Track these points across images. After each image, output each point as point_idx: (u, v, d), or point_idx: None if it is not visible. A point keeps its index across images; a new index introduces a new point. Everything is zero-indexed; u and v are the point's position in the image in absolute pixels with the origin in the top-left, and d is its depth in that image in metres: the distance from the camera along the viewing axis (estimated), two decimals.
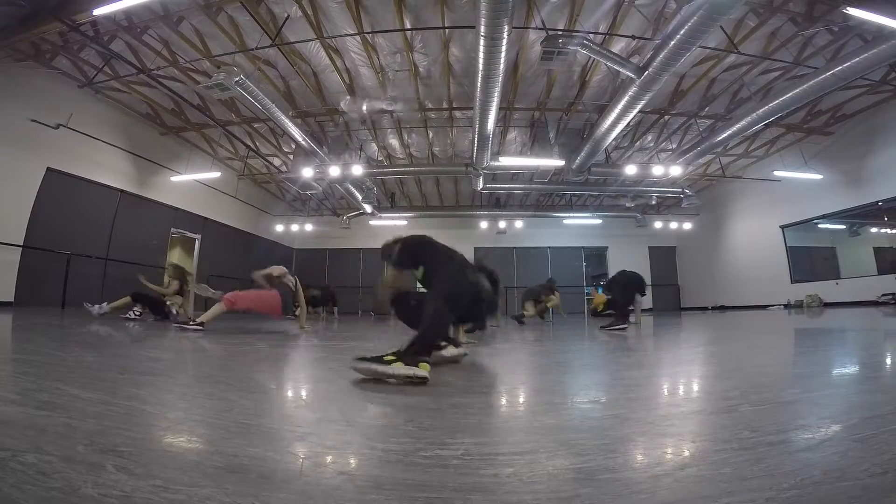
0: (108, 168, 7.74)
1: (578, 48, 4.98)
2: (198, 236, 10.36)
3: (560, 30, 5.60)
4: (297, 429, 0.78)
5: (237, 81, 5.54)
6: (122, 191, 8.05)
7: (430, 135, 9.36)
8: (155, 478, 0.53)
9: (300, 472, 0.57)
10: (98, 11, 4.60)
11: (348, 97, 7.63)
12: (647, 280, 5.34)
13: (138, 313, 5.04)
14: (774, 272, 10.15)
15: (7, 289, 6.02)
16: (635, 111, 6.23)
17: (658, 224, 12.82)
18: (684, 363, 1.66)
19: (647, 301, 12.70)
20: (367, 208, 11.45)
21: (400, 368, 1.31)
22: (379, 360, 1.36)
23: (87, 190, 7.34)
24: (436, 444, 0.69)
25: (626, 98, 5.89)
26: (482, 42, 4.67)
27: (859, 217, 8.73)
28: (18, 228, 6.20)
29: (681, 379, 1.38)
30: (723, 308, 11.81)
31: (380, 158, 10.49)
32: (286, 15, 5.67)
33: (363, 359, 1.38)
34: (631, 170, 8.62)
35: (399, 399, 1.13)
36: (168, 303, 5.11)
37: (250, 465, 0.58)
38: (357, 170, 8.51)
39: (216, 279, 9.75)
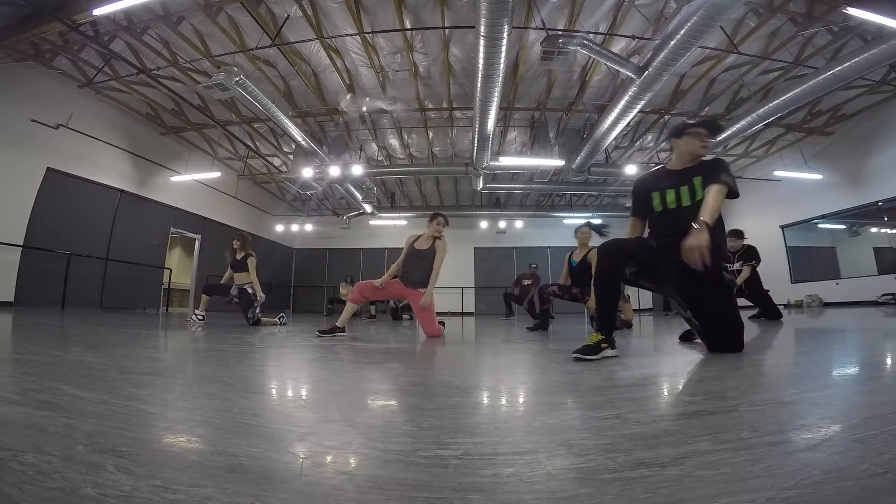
0: (108, 168, 7.76)
1: (578, 48, 4.98)
2: (198, 236, 10.38)
3: (560, 30, 5.61)
4: (297, 429, 0.78)
5: (237, 81, 5.55)
6: (122, 191, 8.06)
7: (430, 135, 9.37)
8: (155, 478, 0.53)
9: (300, 472, 0.57)
10: (98, 11, 4.61)
11: (348, 97, 7.63)
12: None
13: (201, 317, 4.51)
14: (774, 272, 10.14)
15: (7, 289, 6.03)
16: (635, 111, 6.24)
17: None
18: (684, 363, 1.66)
19: (646, 300, 12.77)
20: (367, 208, 11.46)
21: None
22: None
23: (87, 190, 7.35)
24: (436, 444, 0.69)
25: (626, 98, 5.90)
26: (482, 42, 4.68)
27: (859, 217, 8.74)
28: (18, 228, 6.21)
29: (680, 379, 1.38)
30: None
31: (380, 158, 10.50)
32: (286, 15, 5.68)
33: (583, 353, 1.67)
34: (631, 170, 8.64)
35: (399, 399, 1.13)
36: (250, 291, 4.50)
37: (250, 465, 0.59)
38: (357, 170, 8.52)
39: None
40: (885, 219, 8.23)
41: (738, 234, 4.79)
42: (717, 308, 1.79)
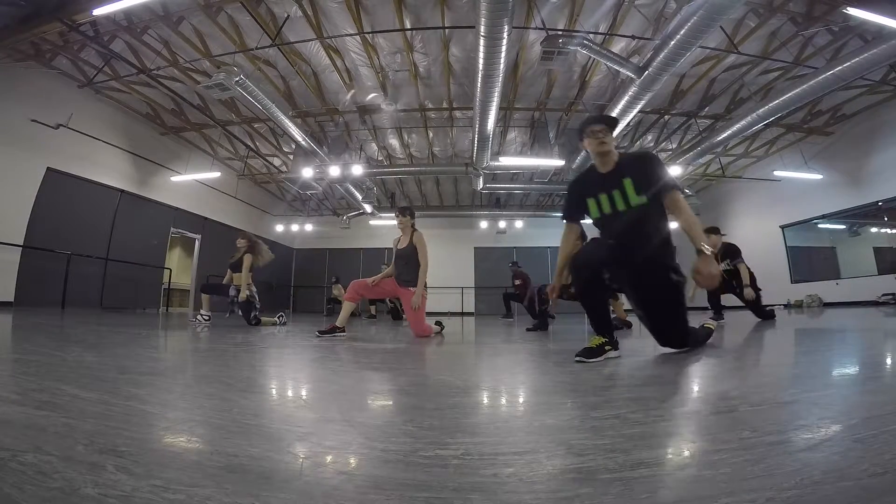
0: (108, 168, 7.76)
1: (578, 48, 4.98)
2: (198, 236, 10.38)
3: (560, 30, 5.61)
4: (297, 429, 0.78)
5: (237, 81, 5.55)
6: (122, 191, 8.06)
7: (430, 135, 9.37)
8: (155, 478, 0.53)
9: (300, 472, 0.57)
10: (98, 11, 4.61)
11: (349, 97, 7.63)
12: None
13: (206, 317, 4.48)
14: (774, 272, 10.15)
15: (7, 289, 6.03)
16: (635, 111, 6.24)
17: None
18: (684, 363, 1.66)
19: None
20: (367, 208, 11.46)
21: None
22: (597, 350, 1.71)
23: (87, 190, 7.35)
24: (436, 444, 0.69)
25: (626, 98, 5.90)
26: (482, 42, 4.67)
27: (859, 217, 8.73)
28: (18, 228, 6.21)
29: (680, 379, 1.38)
30: (722, 307, 11.76)
31: (380, 158, 10.50)
32: (286, 15, 5.67)
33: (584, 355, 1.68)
34: None
35: (399, 399, 1.13)
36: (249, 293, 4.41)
37: (250, 465, 0.59)
38: (357, 170, 8.52)
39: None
40: (885, 219, 8.23)
41: (715, 231, 4.67)
42: (664, 306, 1.84)
